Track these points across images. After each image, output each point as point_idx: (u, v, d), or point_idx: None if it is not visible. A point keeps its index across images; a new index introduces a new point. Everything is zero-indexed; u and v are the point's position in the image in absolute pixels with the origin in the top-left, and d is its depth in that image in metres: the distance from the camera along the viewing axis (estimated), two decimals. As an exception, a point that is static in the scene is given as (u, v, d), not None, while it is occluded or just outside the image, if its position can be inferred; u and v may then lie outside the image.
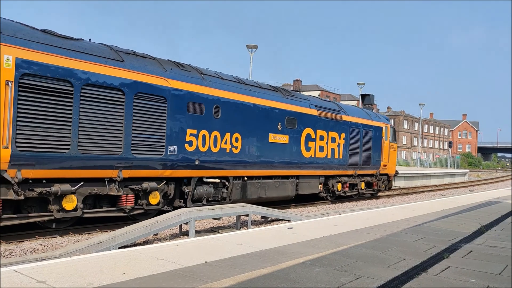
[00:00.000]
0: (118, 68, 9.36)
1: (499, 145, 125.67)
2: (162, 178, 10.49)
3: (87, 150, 8.78)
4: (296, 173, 14.64)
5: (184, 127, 10.78)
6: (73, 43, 8.89)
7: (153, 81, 10.05)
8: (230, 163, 12.07)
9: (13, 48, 7.68)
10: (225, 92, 11.92)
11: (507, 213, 10.42)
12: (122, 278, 3.98)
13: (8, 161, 7.62)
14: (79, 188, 8.84)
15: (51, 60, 8.21)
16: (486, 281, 4.36)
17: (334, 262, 4.88)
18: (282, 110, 13.82)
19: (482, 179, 45.87)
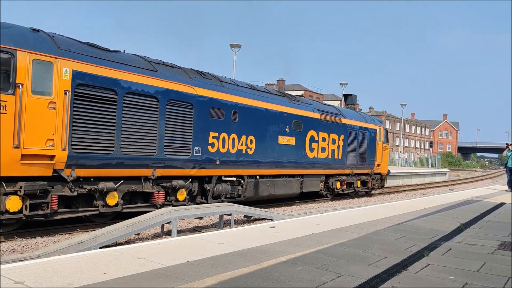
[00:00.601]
0: (153, 77, 10.46)
1: (478, 145, 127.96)
2: (188, 177, 11.58)
3: (128, 152, 9.87)
4: (301, 172, 15.86)
5: (207, 130, 11.88)
6: (115, 55, 10.01)
7: (182, 89, 11.16)
8: (245, 163, 13.20)
9: (70, 61, 8.75)
10: (241, 98, 13.07)
11: (485, 212, 10.60)
12: (103, 278, 3.93)
13: (65, 162, 8.68)
14: (120, 186, 9.91)
15: (99, 72, 9.29)
16: (464, 278, 4.43)
17: (316, 260, 4.90)
18: (290, 114, 15.07)
19: (462, 178, 46.59)
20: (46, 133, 8.35)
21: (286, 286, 3.90)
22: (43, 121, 8.31)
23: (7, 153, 7.84)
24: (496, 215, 10.17)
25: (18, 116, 7.95)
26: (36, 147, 8.23)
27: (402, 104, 59.94)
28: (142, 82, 10.14)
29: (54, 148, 8.46)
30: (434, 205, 11.83)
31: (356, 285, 4.01)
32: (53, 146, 8.45)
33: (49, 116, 8.39)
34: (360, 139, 19.49)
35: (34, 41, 8.43)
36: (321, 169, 16.94)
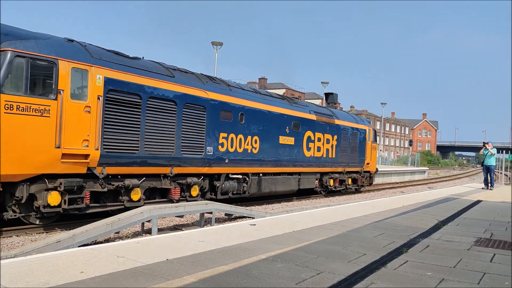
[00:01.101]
0: (171, 83, 11.37)
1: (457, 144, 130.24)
2: (200, 174, 12.51)
3: (150, 151, 10.75)
4: (298, 170, 16.88)
5: (218, 131, 12.85)
6: (139, 62, 10.91)
7: (196, 93, 12.10)
8: (250, 162, 14.20)
9: (102, 69, 9.63)
10: (247, 101, 14.10)
11: (462, 209, 10.79)
12: (80, 277, 3.88)
13: (97, 160, 9.52)
14: (142, 182, 10.78)
15: (127, 78, 10.19)
16: (441, 274, 4.49)
17: (295, 258, 4.92)
18: (289, 116, 16.11)
19: (440, 176, 47.36)
20: (82, 135, 9.22)
21: (266, 283, 3.90)
22: (79, 123, 9.17)
23: (50, 153, 8.70)
24: (473, 212, 10.36)
25: (59, 119, 8.80)
26: (74, 147, 9.08)
27: (383, 103, 60.61)
28: (162, 87, 11.07)
29: (88, 148, 9.33)
30: (413, 203, 11.99)
31: (336, 282, 4.03)
32: (88, 146, 9.32)
33: (85, 119, 9.27)
34: (352, 139, 20.64)
35: (71, 50, 9.28)
36: (316, 168, 17.95)
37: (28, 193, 8.69)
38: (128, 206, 10.27)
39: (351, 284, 3.98)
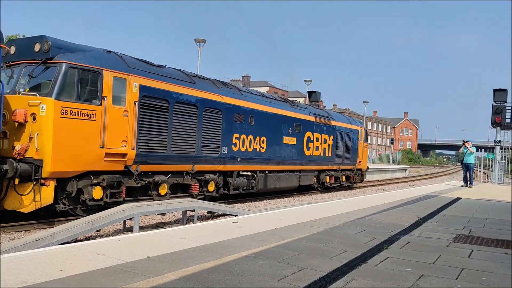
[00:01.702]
0: (193, 89, 12.60)
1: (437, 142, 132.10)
2: (216, 171, 13.71)
3: (176, 150, 11.93)
4: (299, 168, 18.15)
5: (231, 132, 14.07)
6: (165, 70, 12.08)
7: (213, 98, 13.35)
8: (258, 160, 15.46)
9: (137, 77, 10.78)
10: (256, 105, 15.36)
11: (442, 206, 10.95)
12: (59, 275, 3.82)
13: (133, 159, 10.69)
14: (168, 178, 11.95)
15: (157, 85, 11.35)
16: (421, 270, 4.55)
17: (277, 255, 4.93)
18: (292, 118, 17.39)
19: (421, 174, 48.02)
20: (121, 136, 10.34)
21: (248, 280, 3.90)
22: (119, 126, 10.27)
23: (96, 152, 9.79)
24: (452, 209, 10.52)
25: (103, 122, 9.89)
26: (114, 147, 10.19)
27: (365, 102, 61.09)
28: (186, 93, 12.28)
29: (126, 148, 10.45)
30: (394, 200, 12.12)
31: (317, 278, 4.05)
32: (126, 147, 10.43)
33: (123, 122, 10.38)
34: (346, 139, 22.08)
35: (112, 61, 10.44)
36: (314, 166, 19.32)
37: (76, 188, 9.81)
38: (156, 200, 11.39)
39: (332, 281, 4.00)
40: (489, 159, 28.55)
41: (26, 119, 8.96)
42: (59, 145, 9.07)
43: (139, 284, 3.65)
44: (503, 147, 25.45)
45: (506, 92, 22.61)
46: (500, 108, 22.49)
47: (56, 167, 9.09)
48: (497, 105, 22.63)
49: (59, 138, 9.07)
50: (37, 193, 8.96)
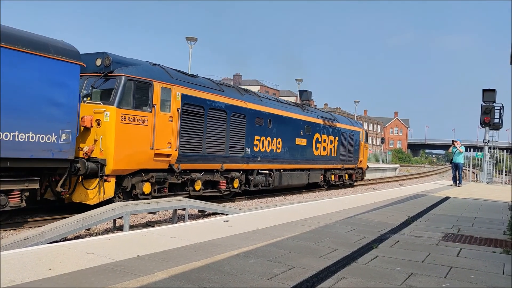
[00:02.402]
0: (222, 96, 14.15)
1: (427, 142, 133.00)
2: (240, 170, 15.16)
3: (209, 151, 13.42)
4: (308, 167, 19.69)
5: (253, 134, 15.61)
6: (199, 80, 13.66)
7: (239, 104, 14.94)
8: (275, 159, 17.02)
9: (179, 87, 12.27)
10: (273, 109, 17.02)
11: (432, 205, 11.03)
12: (48, 274, 3.79)
13: (176, 158, 12.14)
14: (202, 176, 13.35)
15: (195, 94, 12.87)
16: (410, 268, 4.59)
17: (268, 253, 4.93)
18: (303, 121, 19.05)
19: (411, 173, 48.32)
20: (167, 139, 11.78)
21: (238, 279, 3.90)
22: (165, 130, 11.72)
23: (147, 153, 11.25)
24: (441, 208, 10.61)
25: (153, 127, 11.35)
26: (161, 148, 11.64)
27: (356, 101, 61.35)
28: (217, 100, 13.79)
29: (170, 149, 11.90)
30: (384, 199, 12.19)
31: (307, 277, 4.06)
32: (170, 148, 11.88)
33: (169, 126, 11.83)
34: (349, 140, 23.70)
35: (159, 73, 11.93)
36: (321, 165, 20.90)
37: (131, 184, 11.26)
38: (192, 195, 12.92)
39: (322, 279, 4.01)
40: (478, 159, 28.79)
41: (92, 124, 10.38)
42: (119, 147, 10.58)
43: (129, 283, 3.64)
44: (492, 146, 25.68)
45: (495, 93, 22.83)
46: (489, 108, 22.71)
47: (117, 166, 10.62)
48: (486, 105, 22.85)
49: (120, 141, 10.60)
50: (101, 188, 10.50)
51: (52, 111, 9.21)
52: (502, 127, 23.72)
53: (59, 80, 9.38)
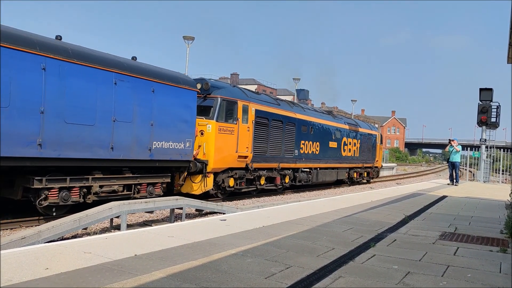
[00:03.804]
0: (279, 109, 17.95)
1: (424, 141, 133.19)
2: (290, 168, 18.76)
3: (271, 153, 17.20)
4: (337, 166, 23.45)
5: (300, 139, 19.26)
6: (263, 97, 17.59)
7: (290, 115, 18.73)
8: (314, 160, 20.73)
9: (253, 104, 16.09)
10: (313, 118, 20.84)
11: (429, 204, 11.05)
12: (45, 274, 3.78)
13: (251, 159, 15.88)
14: (265, 173, 17.00)
15: (263, 108, 16.68)
16: (407, 267, 4.60)
17: (265, 252, 4.93)
18: (334, 127, 22.94)
19: (408, 172, 48.38)
20: (246, 144, 15.52)
21: (236, 278, 3.90)
22: (245, 137, 15.45)
23: (233, 155, 15.03)
24: (439, 207, 10.63)
25: (238, 135, 15.08)
26: (242, 152, 15.37)
27: (353, 100, 61.29)
28: (276, 112, 17.56)
29: (247, 152, 15.64)
30: (382, 198, 12.21)
31: (304, 276, 4.07)
32: (247, 151, 15.63)
33: (247, 135, 15.60)
34: (368, 142, 27.50)
35: (240, 93, 15.71)
36: (347, 164, 24.54)
37: (222, 179, 14.82)
38: (258, 188, 16.79)
39: (320, 278, 4.02)
40: (475, 158, 28.86)
41: (196, 133, 13.64)
42: (217, 151, 14.18)
43: (126, 282, 3.63)
44: (489, 145, 25.75)
45: (492, 92, 22.87)
46: (486, 107, 22.75)
47: (215, 165, 14.23)
48: (483, 104, 22.89)
49: (217, 146, 14.18)
50: (203, 182, 14.13)
51: (182, 126, 12.74)
52: (499, 126, 23.78)
53: (186, 103, 12.87)
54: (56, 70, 9.22)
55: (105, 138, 10.37)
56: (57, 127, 9.27)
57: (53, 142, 9.21)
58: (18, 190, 9.48)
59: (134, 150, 11.19)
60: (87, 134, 9.92)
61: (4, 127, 8.23)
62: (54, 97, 9.19)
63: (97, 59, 10.25)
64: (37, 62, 8.86)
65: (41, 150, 8.97)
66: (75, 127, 9.65)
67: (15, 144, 8.50)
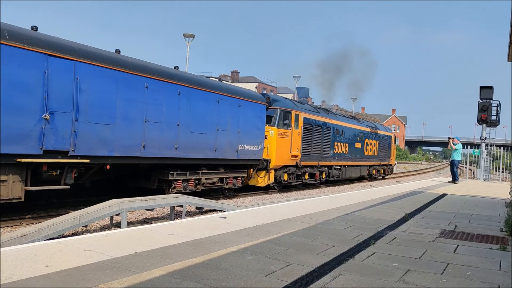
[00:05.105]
0: (319, 116, 21.57)
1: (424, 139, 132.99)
2: (326, 166, 22.18)
3: (314, 153, 20.70)
4: (361, 164, 27.04)
5: (334, 141, 22.81)
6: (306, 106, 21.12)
7: (327, 120, 22.25)
8: (343, 158, 24.15)
9: (302, 113, 19.48)
10: (343, 123, 24.42)
11: (428, 202, 11.06)
12: (45, 271, 3.79)
13: (300, 158, 19.23)
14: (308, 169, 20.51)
15: (308, 116, 20.13)
16: (407, 265, 4.60)
17: (265, 250, 4.94)
18: (358, 130, 26.54)
19: (408, 170, 48.36)
20: (296, 146, 18.83)
21: (236, 276, 3.90)
22: (296, 141, 18.75)
23: (287, 155, 18.32)
24: (439, 205, 10.63)
25: (291, 139, 18.35)
26: (294, 152, 18.67)
27: (353, 98, 61.31)
28: (317, 119, 21.16)
29: (298, 152, 18.95)
30: (381, 196, 12.21)
31: (304, 273, 4.07)
32: (298, 152, 18.93)
33: (297, 138, 18.93)
34: (384, 142, 31.14)
35: (292, 104, 19.15)
36: (368, 162, 28.22)
37: (279, 174, 18.12)
38: (303, 182, 20.21)
39: (320, 276, 4.02)
40: (475, 156, 28.85)
41: None
42: (277, 152, 17.52)
43: (127, 279, 3.63)
44: (489, 144, 25.73)
45: (492, 90, 22.84)
46: (486, 106, 22.73)
47: (276, 163, 17.54)
48: (483, 103, 22.86)
49: (277, 148, 17.51)
50: (266, 176, 17.43)
51: (257, 132, 16.33)
52: (499, 124, 23.74)
53: (259, 114, 16.53)
54: (185, 94, 12.72)
55: (211, 143, 13.95)
56: (186, 135, 12.78)
57: (183, 146, 12.70)
58: (154, 181, 12.77)
59: (228, 152, 14.78)
60: (202, 140, 13.48)
61: (159, 136, 11.85)
62: (185, 114, 12.71)
63: (208, 85, 13.95)
64: (176, 89, 12.39)
65: (177, 152, 12.50)
66: (196, 135, 13.20)
67: (165, 148, 12.08)
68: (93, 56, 10.12)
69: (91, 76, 9.97)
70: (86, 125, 9.86)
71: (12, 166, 8.64)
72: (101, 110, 10.20)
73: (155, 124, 11.64)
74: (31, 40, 8.81)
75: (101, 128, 10.22)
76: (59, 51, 9.32)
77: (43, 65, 8.96)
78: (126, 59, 11.11)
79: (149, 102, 11.43)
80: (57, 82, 9.23)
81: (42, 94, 8.97)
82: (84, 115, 9.82)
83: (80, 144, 9.75)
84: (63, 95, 9.36)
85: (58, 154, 9.36)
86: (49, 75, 9.07)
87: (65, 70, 9.41)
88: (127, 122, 10.85)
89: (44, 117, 8.99)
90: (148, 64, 11.83)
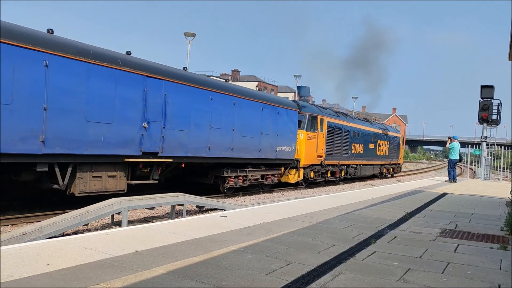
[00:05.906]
0: (339, 119, 23.73)
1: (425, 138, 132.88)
2: (344, 165, 24.22)
3: (335, 153, 22.77)
4: (373, 163, 29.23)
5: (351, 142, 24.95)
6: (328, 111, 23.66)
7: (346, 124, 24.52)
8: (359, 158, 26.30)
9: (326, 117, 21.84)
10: (359, 125, 26.68)
11: (429, 201, 11.05)
12: (46, 269, 3.79)
13: (324, 158, 21.46)
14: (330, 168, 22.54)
15: (331, 120, 22.49)
16: (407, 264, 4.60)
17: (266, 249, 4.94)
18: (372, 131, 28.72)
19: (408, 170, 48.33)
20: (321, 147, 21.04)
21: (236, 274, 3.91)
22: (321, 142, 20.95)
23: (314, 155, 20.47)
24: (439, 204, 10.63)
25: (317, 141, 20.58)
26: (319, 153, 20.79)
27: (354, 97, 61.31)
28: (338, 122, 23.33)
29: (322, 153, 21.13)
30: (382, 195, 12.21)
31: (305, 272, 4.07)
32: (322, 152, 21.12)
33: (322, 140, 21.10)
34: (394, 143, 33.41)
35: (317, 110, 21.42)
36: (380, 161, 30.51)
37: (307, 172, 20.11)
38: (326, 179, 22.32)
39: (320, 274, 4.02)
40: (476, 155, 28.83)
41: None
42: (306, 152, 19.65)
43: (127, 278, 3.64)
44: (490, 143, 25.72)
45: (493, 89, 22.82)
46: (487, 105, 22.71)
47: (305, 162, 19.63)
48: (484, 102, 22.84)
49: (306, 149, 19.67)
50: (296, 174, 19.48)
51: (290, 135, 18.57)
52: (500, 123, 23.72)
53: (293, 119, 18.82)
54: (238, 104, 15.17)
55: (257, 144, 16.38)
56: (239, 139, 15.19)
57: (237, 147, 15.09)
58: (211, 177, 15.15)
59: (268, 152, 17.10)
60: (250, 142, 15.90)
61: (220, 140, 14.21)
62: (238, 121, 15.11)
63: (254, 95, 16.64)
64: (232, 100, 14.86)
65: (232, 152, 14.86)
66: (246, 138, 15.65)
67: (223, 149, 14.45)
68: (174, 76, 12.47)
69: (174, 92, 12.31)
70: (170, 131, 12.21)
71: (120, 165, 10.89)
72: (180, 119, 12.57)
73: (217, 130, 14.06)
74: (135, 66, 11.19)
75: (180, 134, 12.59)
76: (153, 73, 11.69)
77: (143, 84, 11.30)
78: (196, 77, 13.75)
79: (213, 112, 13.92)
80: (152, 97, 11.56)
81: (142, 107, 11.28)
82: (170, 123, 12.18)
83: (166, 147, 12.08)
84: (156, 107, 11.69)
85: (150, 155, 11.67)
86: (147, 92, 11.41)
87: (156, 88, 11.74)
88: (197, 129, 13.26)
89: (143, 125, 11.29)
90: (211, 80, 14.88)
